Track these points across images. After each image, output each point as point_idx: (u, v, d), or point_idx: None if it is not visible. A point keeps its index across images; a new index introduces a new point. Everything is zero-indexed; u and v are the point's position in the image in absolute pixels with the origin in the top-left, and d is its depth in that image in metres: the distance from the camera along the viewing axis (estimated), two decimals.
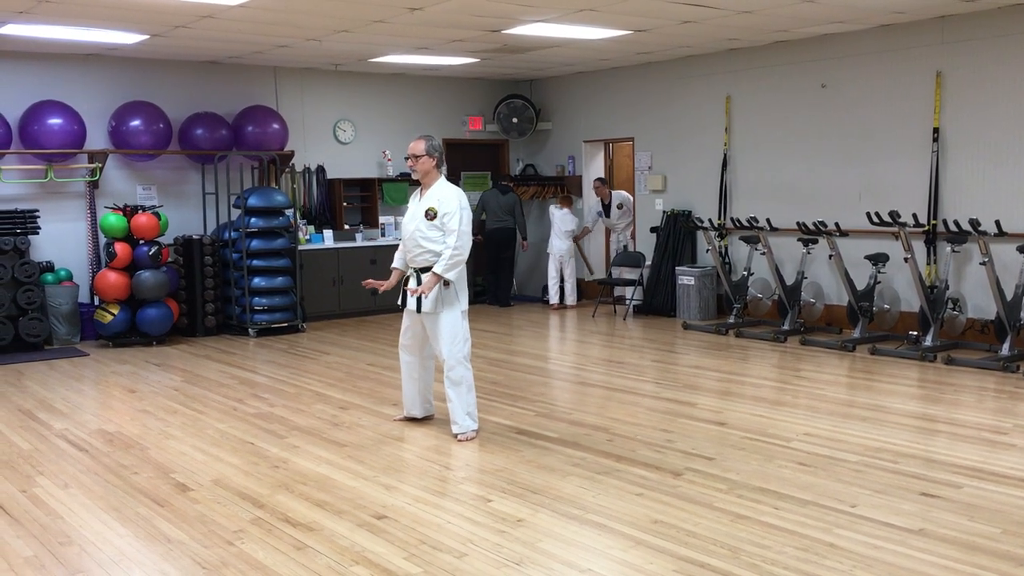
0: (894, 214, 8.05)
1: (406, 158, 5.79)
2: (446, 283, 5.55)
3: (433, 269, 5.51)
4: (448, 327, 5.59)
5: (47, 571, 3.80)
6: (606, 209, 11.54)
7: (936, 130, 8.60)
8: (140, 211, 9.31)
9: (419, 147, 5.63)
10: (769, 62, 9.93)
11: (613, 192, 11.54)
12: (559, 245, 11.59)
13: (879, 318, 8.79)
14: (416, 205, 5.72)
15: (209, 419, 6.32)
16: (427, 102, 12.07)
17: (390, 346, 9.06)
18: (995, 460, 5.05)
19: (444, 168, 5.77)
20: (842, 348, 8.36)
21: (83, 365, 8.44)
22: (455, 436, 5.65)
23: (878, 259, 8.65)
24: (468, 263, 5.74)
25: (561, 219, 11.61)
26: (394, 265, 5.93)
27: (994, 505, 4.34)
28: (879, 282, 8.69)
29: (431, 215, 5.57)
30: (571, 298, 11.73)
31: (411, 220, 5.68)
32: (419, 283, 5.60)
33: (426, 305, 5.56)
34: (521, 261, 12.47)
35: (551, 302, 11.74)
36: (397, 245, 11.27)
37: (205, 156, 10.17)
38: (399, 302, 5.80)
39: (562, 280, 11.73)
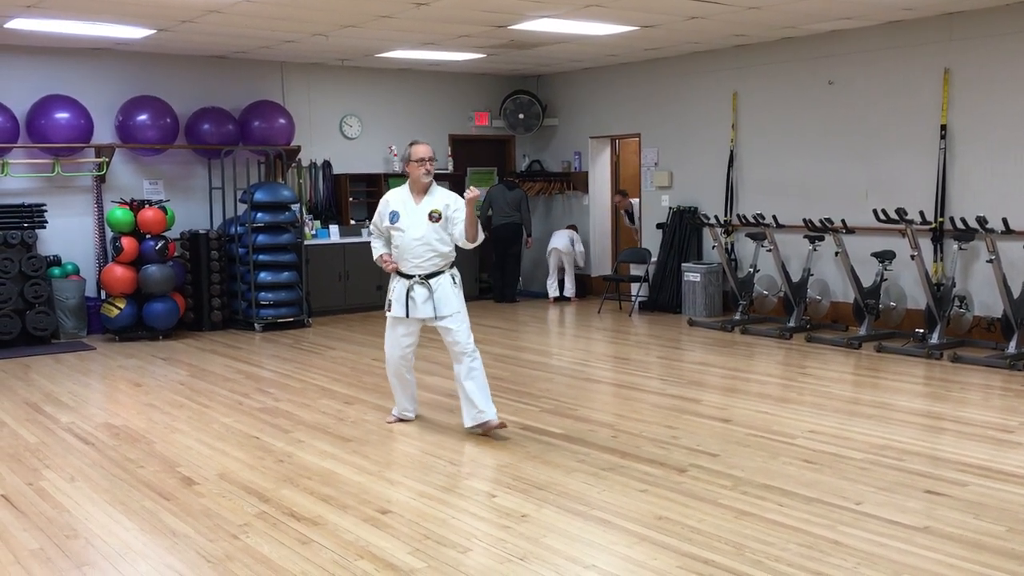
0: (901, 211, 8.03)
1: (422, 160, 5.54)
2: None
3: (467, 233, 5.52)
4: (466, 319, 5.63)
5: (53, 564, 3.81)
6: (629, 217, 11.90)
7: (944, 127, 8.58)
8: (147, 205, 9.33)
9: (432, 150, 5.64)
10: (776, 58, 9.91)
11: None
12: (558, 243, 11.73)
13: (885, 315, 8.77)
14: (413, 211, 5.56)
15: (215, 413, 6.34)
16: (433, 98, 12.07)
17: None
18: (1001, 458, 5.03)
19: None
20: (848, 345, 8.35)
21: (89, 359, 8.46)
22: (489, 424, 5.57)
23: (884, 256, 8.63)
24: (473, 259, 5.75)
25: (568, 238, 11.84)
26: (383, 252, 5.73)
27: (1000, 503, 4.33)
28: (885, 279, 8.67)
29: (436, 217, 5.53)
30: (570, 291, 11.86)
31: (415, 227, 5.54)
32: (430, 290, 5.52)
33: (454, 305, 5.55)
34: (526, 257, 12.47)
35: (550, 296, 11.86)
36: None
37: (212, 151, 10.19)
38: (402, 313, 5.58)
39: (563, 274, 11.87)
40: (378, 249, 5.78)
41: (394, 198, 5.69)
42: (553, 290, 11.92)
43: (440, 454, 5.29)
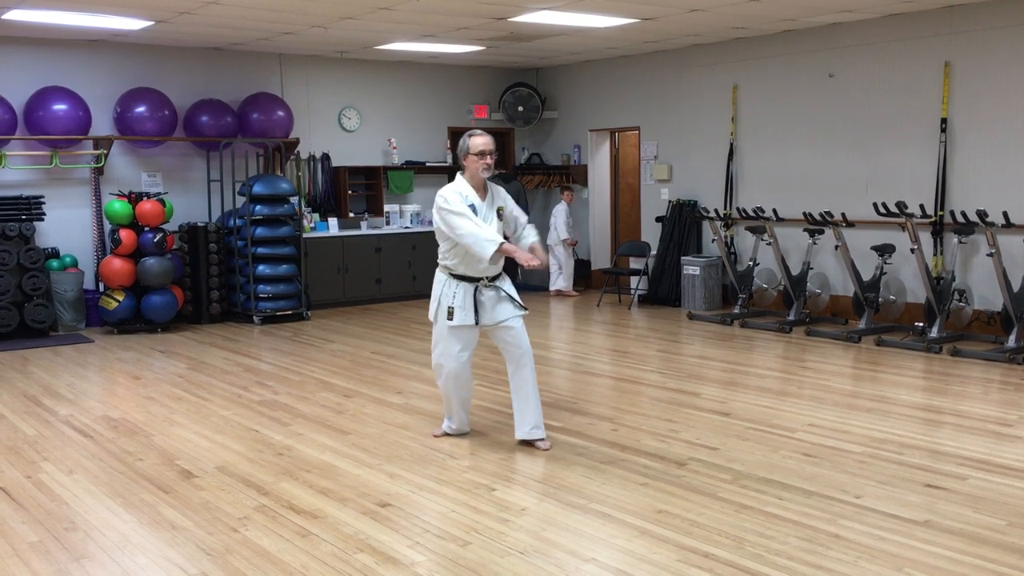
0: (901, 205, 8.02)
1: (482, 153, 5.04)
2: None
3: (534, 241, 5.20)
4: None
5: (52, 556, 3.81)
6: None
7: (944, 120, 8.56)
8: (145, 198, 9.31)
9: (492, 142, 5.12)
10: (776, 51, 9.89)
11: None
12: (552, 238, 11.62)
13: (885, 309, 8.77)
14: (482, 208, 5.07)
15: (214, 406, 6.33)
16: (433, 90, 12.04)
17: (394, 334, 9.07)
18: (1000, 452, 5.03)
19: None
20: (847, 339, 8.34)
21: (88, 351, 8.45)
22: (535, 443, 5.18)
23: (884, 250, 8.62)
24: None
25: (564, 211, 11.63)
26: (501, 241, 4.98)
27: (999, 497, 4.33)
28: (885, 273, 8.66)
29: (500, 214, 5.12)
30: (563, 285, 11.79)
31: (489, 225, 5.06)
32: (498, 291, 5.11)
33: (521, 303, 5.18)
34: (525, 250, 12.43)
35: (551, 289, 11.82)
36: (402, 233, 11.26)
37: (210, 143, 10.16)
38: (472, 320, 5.07)
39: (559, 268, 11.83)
40: (495, 238, 4.96)
41: (463, 192, 5.06)
42: (556, 283, 11.83)
43: (439, 447, 5.28)
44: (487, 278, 5.11)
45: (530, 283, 12.66)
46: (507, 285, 5.21)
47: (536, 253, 5.14)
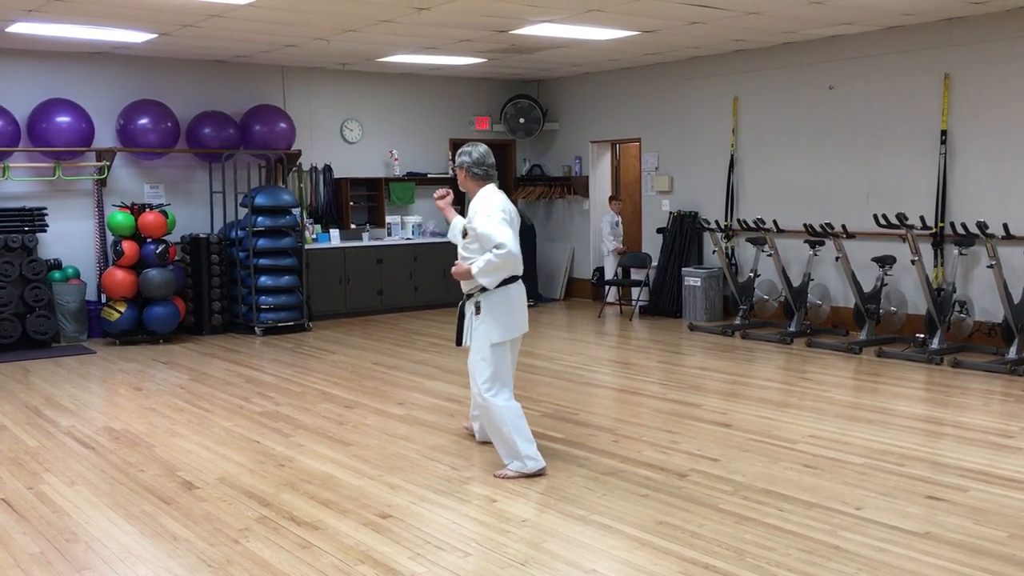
0: (901, 216, 8.04)
1: None
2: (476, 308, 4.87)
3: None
4: (480, 358, 4.88)
5: (53, 568, 3.81)
6: None
7: (944, 132, 8.58)
8: (147, 209, 9.34)
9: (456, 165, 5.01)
10: (777, 63, 9.92)
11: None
12: (612, 246, 11.51)
13: (886, 320, 8.77)
14: (457, 221, 5.15)
15: (215, 417, 6.33)
16: (434, 102, 12.08)
17: (395, 345, 9.09)
18: (1001, 463, 5.03)
19: (488, 178, 4.96)
20: (848, 350, 8.35)
21: (90, 363, 8.46)
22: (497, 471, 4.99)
23: (885, 261, 8.63)
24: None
25: (610, 222, 11.55)
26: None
27: (1000, 508, 4.32)
28: (886, 284, 8.67)
29: (463, 233, 4.94)
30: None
31: (454, 238, 5.13)
32: (478, 311, 4.85)
33: (470, 337, 4.91)
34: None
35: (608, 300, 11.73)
36: (403, 245, 11.30)
37: (212, 155, 10.19)
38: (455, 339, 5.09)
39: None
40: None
41: None
42: (612, 295, 11.71)
43: (440, 458, 5.29)
44: (465, 294, 4.99)
45: (546, 294, 12.64)
46: (468, 313, 4.90)
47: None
